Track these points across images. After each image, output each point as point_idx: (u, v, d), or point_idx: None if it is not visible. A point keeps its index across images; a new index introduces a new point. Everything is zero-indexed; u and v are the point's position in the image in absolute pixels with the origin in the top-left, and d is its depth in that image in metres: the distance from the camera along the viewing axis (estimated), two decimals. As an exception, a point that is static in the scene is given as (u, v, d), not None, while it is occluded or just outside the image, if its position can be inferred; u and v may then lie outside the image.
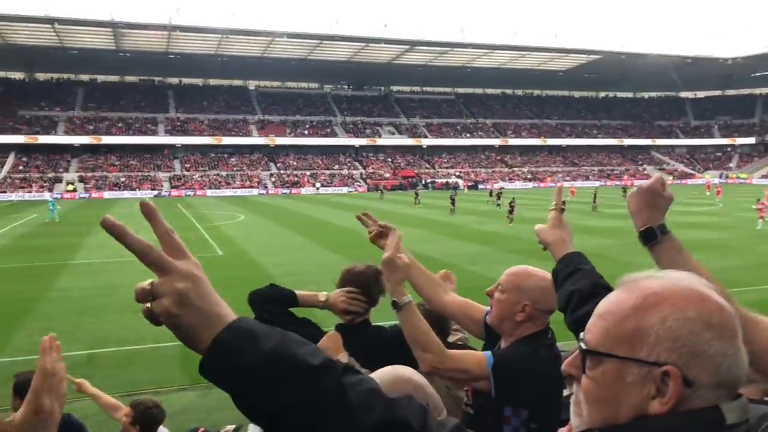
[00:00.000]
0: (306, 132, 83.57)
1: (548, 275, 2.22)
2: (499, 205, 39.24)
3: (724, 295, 2.03)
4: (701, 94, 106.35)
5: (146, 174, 69.93)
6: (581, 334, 0.97)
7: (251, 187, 69.33)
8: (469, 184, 74.63)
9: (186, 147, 76.51)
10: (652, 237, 1.59)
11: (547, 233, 2.08)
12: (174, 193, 65.00)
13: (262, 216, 38.57)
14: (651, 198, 1.62)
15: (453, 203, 37.99)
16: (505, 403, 2.18)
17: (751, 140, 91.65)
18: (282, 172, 75.81)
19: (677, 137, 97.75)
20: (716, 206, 40.44)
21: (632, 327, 0.89)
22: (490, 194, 47.05)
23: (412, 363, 2.18)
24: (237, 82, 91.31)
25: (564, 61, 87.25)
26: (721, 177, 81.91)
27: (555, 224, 2.09)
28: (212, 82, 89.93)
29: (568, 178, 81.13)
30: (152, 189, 65.42)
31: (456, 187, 73.18)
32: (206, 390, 9.47)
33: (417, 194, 46.99)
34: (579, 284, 1.74)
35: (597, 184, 77.55)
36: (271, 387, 0.87)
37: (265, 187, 69.89)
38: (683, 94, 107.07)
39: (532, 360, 2.19)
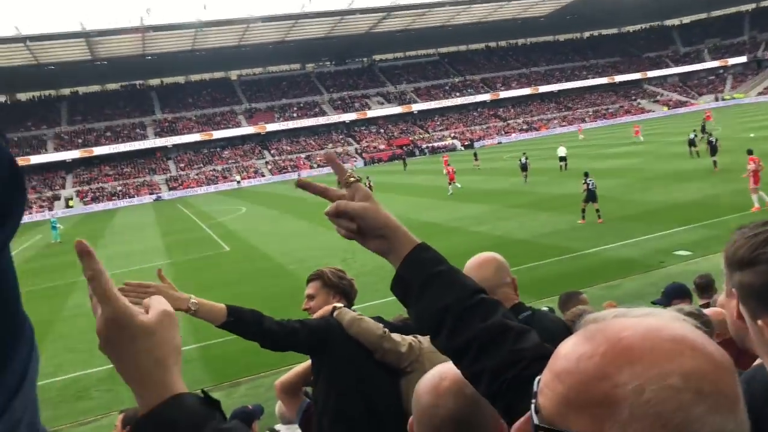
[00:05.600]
0: (295, 115, 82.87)
1: None
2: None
3: None
4: (687, 20, 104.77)
5: (142, 179, 69.62)
6: (534, 389, 0.72)
7: (248, 177, 69.10)
8: (466, 143, 74.13)
9: (177, 146, 75.94)
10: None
11: (375, 214, 1.25)
12: (174, 194, 64.75)
13: (263, 206, 38.47)
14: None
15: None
16: None
17: (743, 59, 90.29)
18: (277, 158, 75.43)
19: (668, 66, 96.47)
20: (717, 130, 39.94)
21: (598, 396, 0.63)
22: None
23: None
24: (219, 74, 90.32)
25: (543, 6, 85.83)
26: (717, 100, 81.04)
27: (366, 197, 1.27)
28: (194, 77, 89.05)
29: (564, 123, 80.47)
30: (150, 193, 65.18)
31: (454, 148, 72.80)
32: (230, 389, 9.45)
33: (404, 161, 54.15)
34: (449, 297, 1.20)
35: (594, 125, 76.91)
36: None
37: (263, 176, 69.66)
38: (669, 22, 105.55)
39: None
